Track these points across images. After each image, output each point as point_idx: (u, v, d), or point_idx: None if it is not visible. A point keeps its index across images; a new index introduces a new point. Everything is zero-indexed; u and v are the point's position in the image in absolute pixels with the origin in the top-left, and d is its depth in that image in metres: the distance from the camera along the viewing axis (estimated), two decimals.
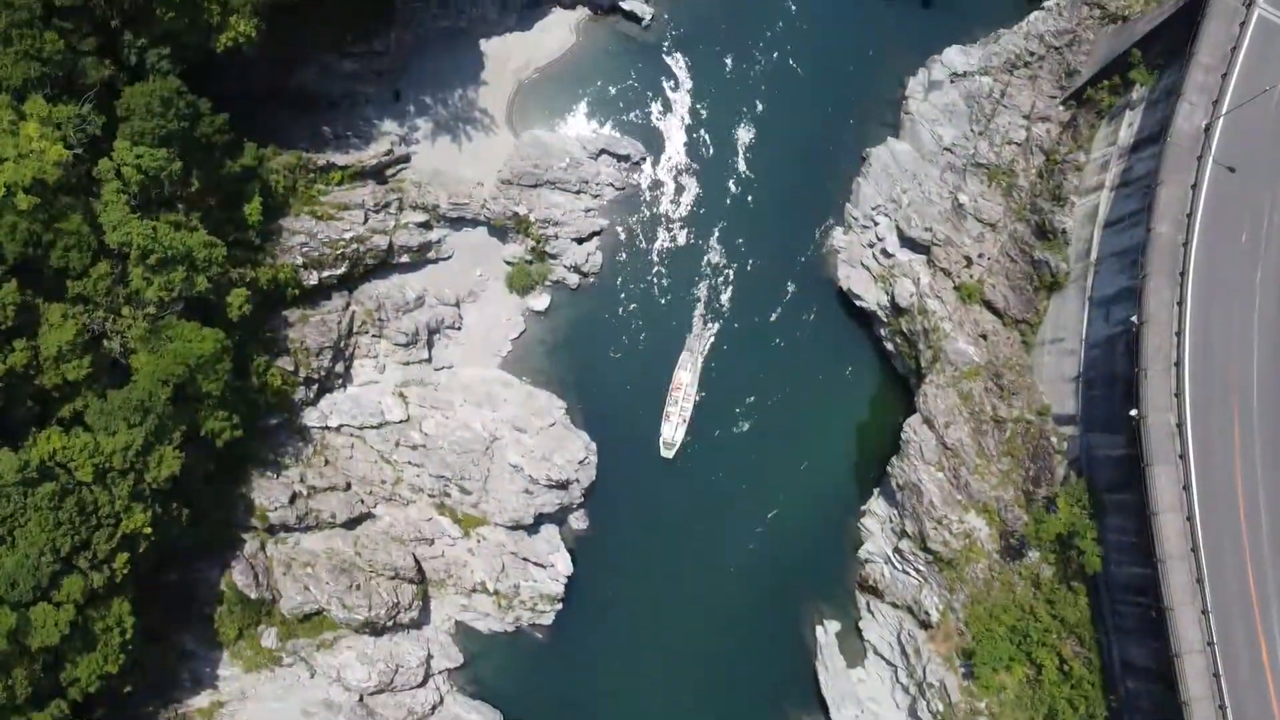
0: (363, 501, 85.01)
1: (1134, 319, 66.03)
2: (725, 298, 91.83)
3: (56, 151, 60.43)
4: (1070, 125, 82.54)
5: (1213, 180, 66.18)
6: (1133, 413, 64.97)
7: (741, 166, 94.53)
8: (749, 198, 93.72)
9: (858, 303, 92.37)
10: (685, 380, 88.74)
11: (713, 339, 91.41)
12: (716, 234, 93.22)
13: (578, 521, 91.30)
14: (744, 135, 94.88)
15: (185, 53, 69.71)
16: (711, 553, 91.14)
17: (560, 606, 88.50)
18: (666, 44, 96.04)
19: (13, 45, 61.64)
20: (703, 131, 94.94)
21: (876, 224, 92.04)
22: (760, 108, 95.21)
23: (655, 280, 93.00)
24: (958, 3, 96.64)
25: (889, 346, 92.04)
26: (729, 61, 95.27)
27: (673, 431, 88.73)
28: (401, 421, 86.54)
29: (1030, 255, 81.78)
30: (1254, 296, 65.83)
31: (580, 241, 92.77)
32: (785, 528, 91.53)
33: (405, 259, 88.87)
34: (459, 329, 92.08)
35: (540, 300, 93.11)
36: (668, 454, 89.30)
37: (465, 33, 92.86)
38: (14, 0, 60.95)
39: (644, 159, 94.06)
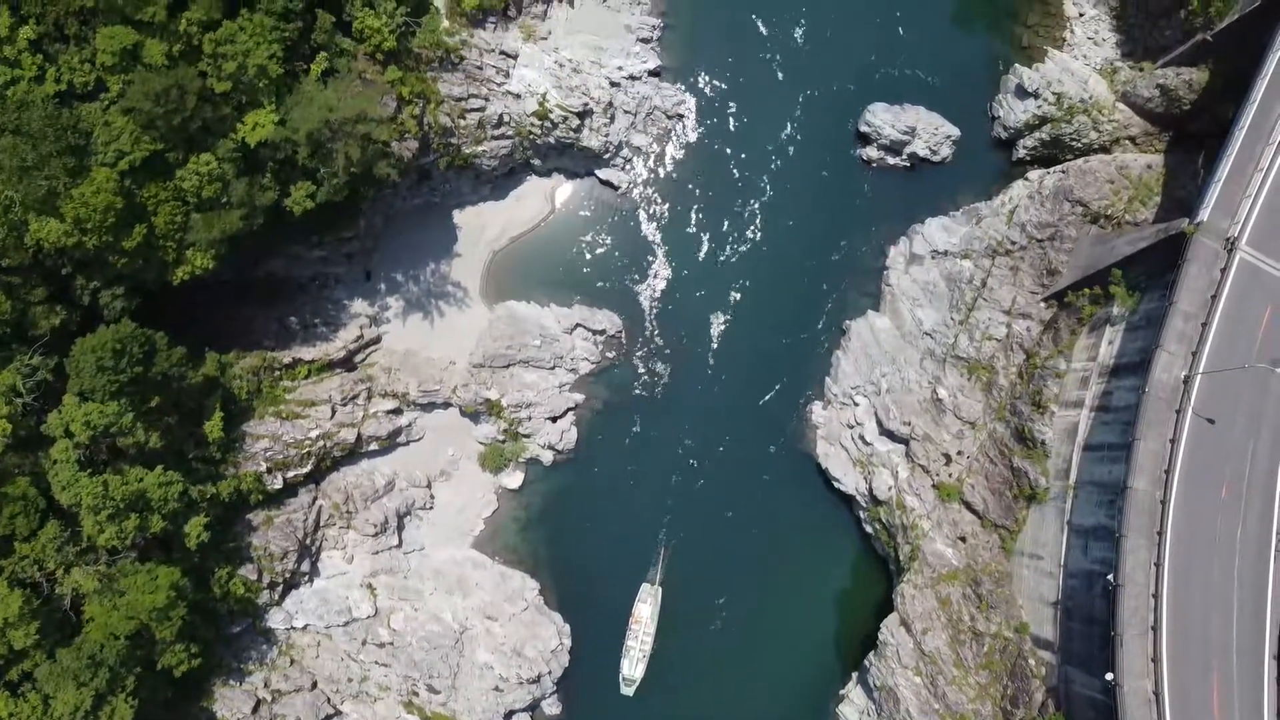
0: (329, 700, 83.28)
1: (1110, 577, 64.27)
2: (698, 486, 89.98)
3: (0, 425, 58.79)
4: (1051, 326, 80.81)
5: (1192, 433, 64.39)
6: (1109, 676, 63.20)
7: (717, 337, 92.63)
8: (724, 375, 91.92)
9: (836, 484, 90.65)
10: (645, 614, 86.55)
11: (678, 543, 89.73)
12: (693, 413, 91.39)
13: (550, 707, 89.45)
14: (721, 304, 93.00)
15: (141, 288, 68.13)
16: None
17: None
18: (643, 212, 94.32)
19: None
20: (679, 302, 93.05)
21: (856, 404, 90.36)
22: (738, 274, 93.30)
23: (630, 460, 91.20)
24: (941, 168, 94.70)
25: (868, 529, 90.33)
26: (706, 239, 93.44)
27: (632, 667, 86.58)
28: (369, 617, 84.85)
29: (1009, 460, 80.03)
30: (1234, 554, 64.01)
31: (554, 420, 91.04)
32: (764, 713, 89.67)
33: (374, 446, 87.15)
34: (430, 509, 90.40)
35: (513, 478, 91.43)
36: (628, 690, 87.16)
37: (439, 206, 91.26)
38: None
39: (620, 333, 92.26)
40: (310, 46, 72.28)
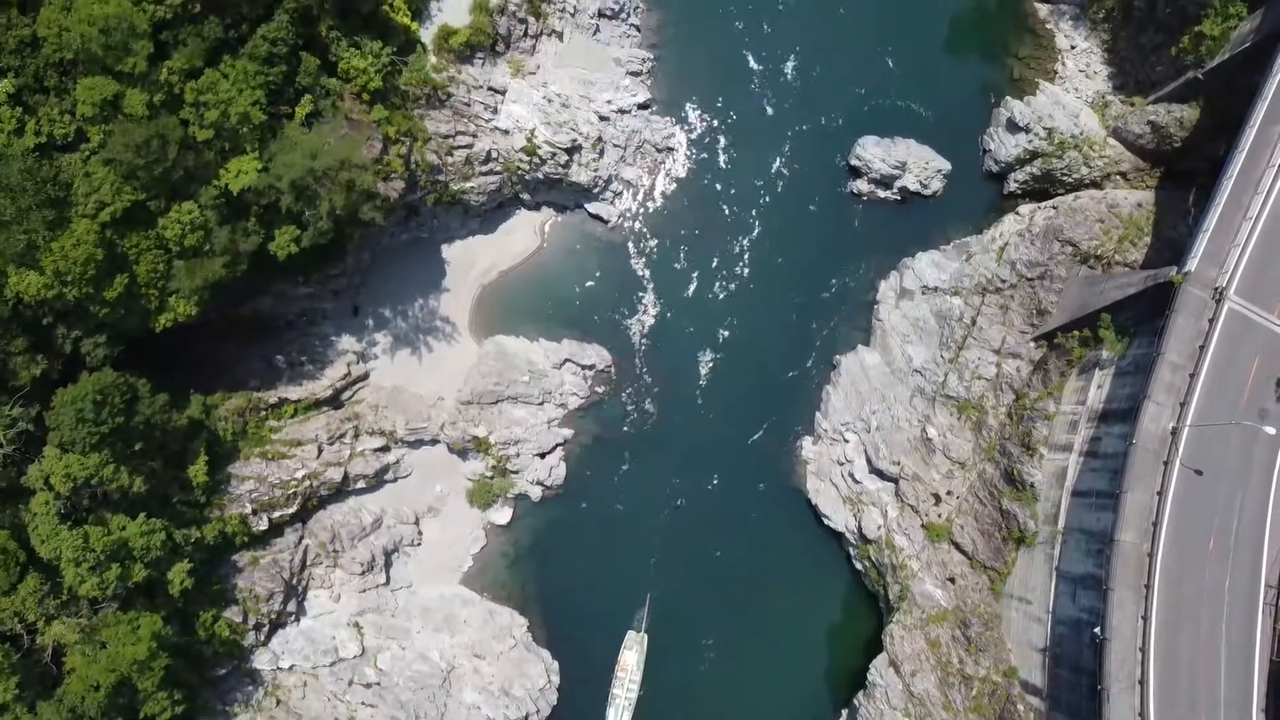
0: None
1: (1098, 629, 63.84)
2: (686, 523, 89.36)
3: None
4: (1041, 367, 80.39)
5: (1180, 484, 63.91)
6: None
7: (707, 372, 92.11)
8: (713, 411, 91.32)
9: (825, 521, 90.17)
10: (631, 662, 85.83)
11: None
12: (682, 449, 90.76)
13: None
14: (710, 339, 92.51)
15: (123, 336, 67.68)
16: None
17: None
18: (632, 246, 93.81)
19: None
20: (668, 337, 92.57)
21: (846, 441, 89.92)
22: (728, 308, 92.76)
23: (618, 497, 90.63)
24: (932, 202, 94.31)
25: (858, 566, 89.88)
26: (695, 274, 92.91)
27: (618, 717, 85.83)
28: (356, 657, 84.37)
29: (999, 502, 79.60)
30: (1223, 606, 63.56)
31: (543, 455, 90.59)
32: None
33: (361, 484, 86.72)
34: (418, 545, 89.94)
35: (502, 514, 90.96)
36: None
37: (427, 241, 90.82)
38: None
39: (609, 368, 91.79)
40: (295, 89, 71.84)
